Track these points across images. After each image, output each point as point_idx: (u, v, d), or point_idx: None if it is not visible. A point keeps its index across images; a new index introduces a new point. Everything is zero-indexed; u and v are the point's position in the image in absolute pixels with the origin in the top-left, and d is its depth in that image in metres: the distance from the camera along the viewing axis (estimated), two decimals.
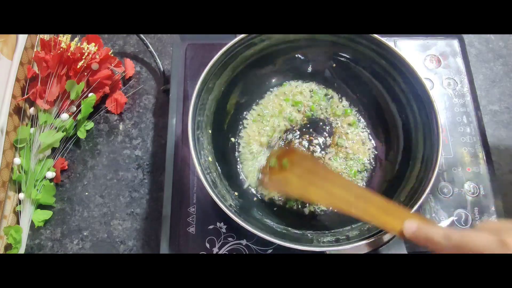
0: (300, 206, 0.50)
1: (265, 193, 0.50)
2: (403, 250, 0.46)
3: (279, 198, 0.50)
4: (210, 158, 0.47)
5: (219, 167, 0.49)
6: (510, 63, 0.64)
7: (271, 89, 0.56)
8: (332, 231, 0.46)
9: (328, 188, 0.41)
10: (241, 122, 0.54)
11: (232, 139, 0.53)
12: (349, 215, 0.39)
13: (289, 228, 0.46)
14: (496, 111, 0.60)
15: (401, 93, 0.50)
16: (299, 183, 0.43)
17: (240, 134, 0.54)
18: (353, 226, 0.46)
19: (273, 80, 0.56)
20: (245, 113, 0.54)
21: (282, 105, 0.55)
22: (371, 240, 0.40)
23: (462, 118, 0.55)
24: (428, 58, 0.58)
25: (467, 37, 0.62)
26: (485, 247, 0.29)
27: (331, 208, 0.42)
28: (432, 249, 0.34)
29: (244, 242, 0.47)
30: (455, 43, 0.59)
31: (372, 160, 0.52)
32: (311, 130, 0.54)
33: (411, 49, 0.59)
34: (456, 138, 0.53)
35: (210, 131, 0.49)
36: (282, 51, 0.53)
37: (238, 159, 0.52)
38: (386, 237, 0.47)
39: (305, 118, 0.54)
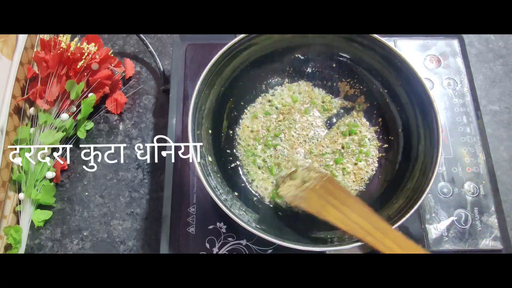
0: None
1: (270, 198, 0.50)
2: None
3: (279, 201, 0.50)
4: (210, 158, 0.47)
5: (219, 167, 0.48)
6: (510, 63, 0.64)
7: (271, 89, 0.56)
8: (331, 232, 0.46)
9: (346, 213, 0.41)
10: (240, 122, 0.54)
11: (233, 139, 0.53)
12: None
13: (289, 229, 0.46)
14: (496, 111, 0.60)
15: (401, 93, 0.50)
16: (318, 201, 0.43)
17: (240, 134, 0.53)
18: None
19: (273, 81, 0.56)
20: (245, 113, 0.54)
21: (282, 104, 0.55)
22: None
23: (462, 118, 0.55)
24: (428, 58, 0.58)
25: (467, 37, 0.62)
26: None
27: (347, 232, 0.42)
28: None
29: (244, 242, 0.47)
30: (455, 43, 0.59)
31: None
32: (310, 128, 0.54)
33: (411, 49, 0.59)
34: (456, 138, 0.53)
35: (210, 131, 0.49)
36: (282, 51, 0.53)
37: (239, 159, 0.52)
38: None
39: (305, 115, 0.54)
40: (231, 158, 0.52)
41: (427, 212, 0.49)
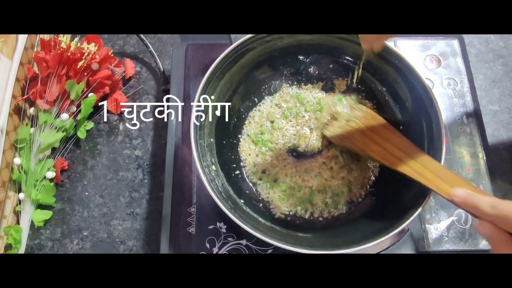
0: (304, 211, 0.50)
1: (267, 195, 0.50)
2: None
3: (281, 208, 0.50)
4: (211, 159, 0.47)
5: (220, 168, 0.48)
6: (510, 63, 0.64)
7: (274, 91, 0.55)
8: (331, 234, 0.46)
9: (388, 148, 0.44)
10: (243, 123, 0.54)
11: (235, 141, 0.53)
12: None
13: (289, 230, 0.46)
14: (496, 111, 0.60)
15: (403, 94, 0.50)
16: (362, 139, 0.46)
17: (242, 135, 0.53)
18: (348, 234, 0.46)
19: (276, 82, 0.56)
20: (247, 115, 0.54)
21: (284, 106, 0.55)
22: (371, 245, 0.40)
23: (462, 118, 0.55)
24: (428, 58, 0.58)
25: (467, 37, 0.62)
26: None
27: (388, 166, 0.43)
28: (479, 216, 0.34)
29: (244, 242, 0.47)
30: (455, 43, 0.59)
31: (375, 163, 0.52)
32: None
33: (411, 49, 0.59)
34: (456, 138, 0.53)
35: (212, 131, 0.49)
36: (284, 53, 0.53)
37: (241, 160, 0.52)
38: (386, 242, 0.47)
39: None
40: (233, 159, 0.52)
41: (427, 212, 0.49)
